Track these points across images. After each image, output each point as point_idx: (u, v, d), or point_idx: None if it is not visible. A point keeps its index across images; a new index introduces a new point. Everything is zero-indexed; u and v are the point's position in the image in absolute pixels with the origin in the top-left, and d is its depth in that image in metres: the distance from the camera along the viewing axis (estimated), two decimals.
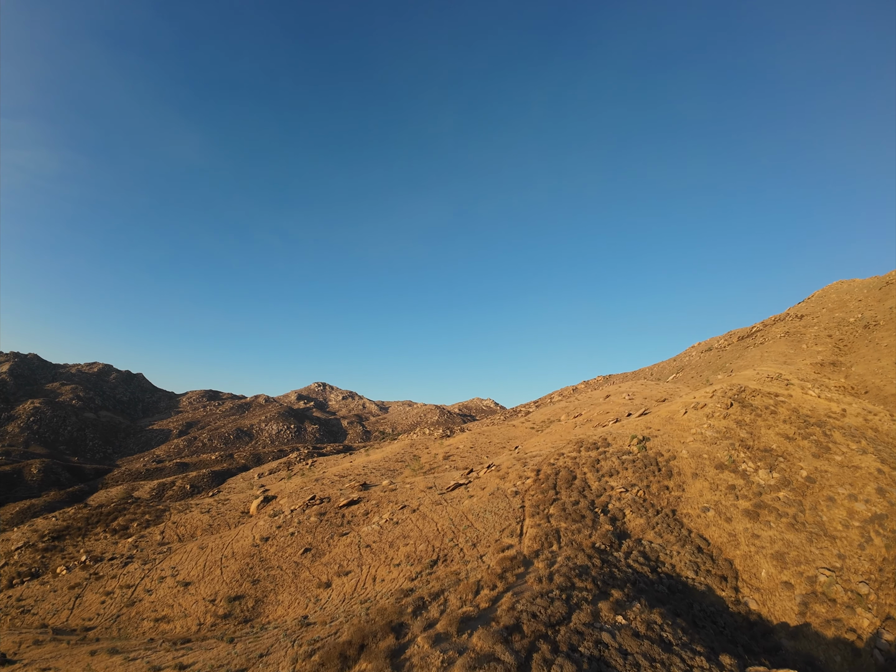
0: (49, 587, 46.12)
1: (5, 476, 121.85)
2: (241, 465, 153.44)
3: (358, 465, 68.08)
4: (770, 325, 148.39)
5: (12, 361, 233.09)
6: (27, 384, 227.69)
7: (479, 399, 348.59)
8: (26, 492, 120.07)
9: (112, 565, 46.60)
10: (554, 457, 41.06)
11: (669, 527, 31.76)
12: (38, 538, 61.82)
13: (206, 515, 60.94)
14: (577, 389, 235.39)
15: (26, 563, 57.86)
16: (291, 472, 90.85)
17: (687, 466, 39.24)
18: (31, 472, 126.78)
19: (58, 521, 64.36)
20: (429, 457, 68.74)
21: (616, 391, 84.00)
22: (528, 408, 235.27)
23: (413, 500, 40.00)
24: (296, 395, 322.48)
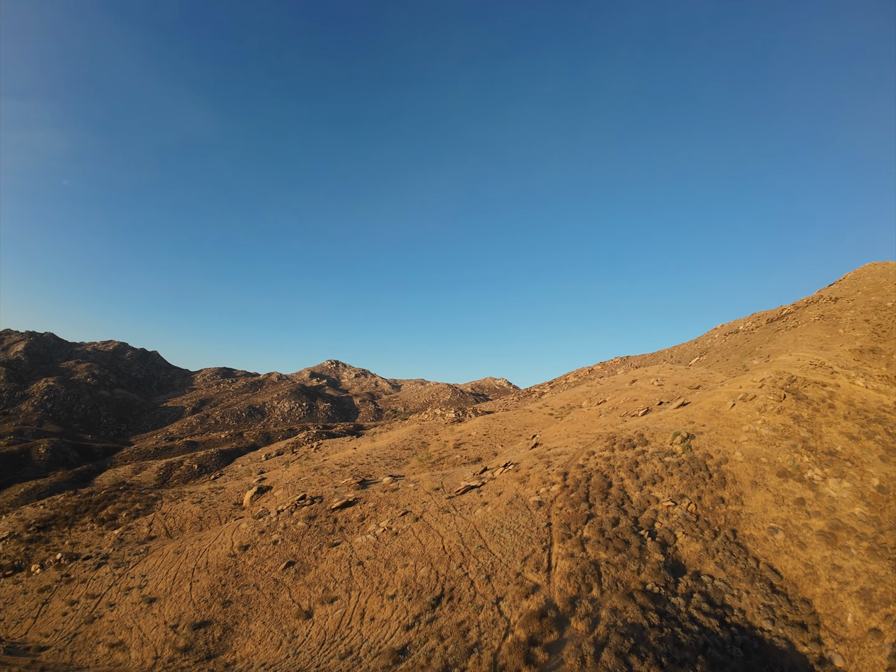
0: (21, 588, 41.12)
1: (13, 456, 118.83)
2: (251, 443, 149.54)
3: (362, 452, 62.09)
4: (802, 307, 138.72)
5: (27, 340, 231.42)
6: (42, 363, 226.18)
7: (493, 378, 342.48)
8: (34, 472, 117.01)
9: (85, 566, 41.32)
10: (583, 456, 34.23)
11: (732, 555, 24.94)
12: (23, 528, 57.16)
13: (197, 506, 55.60)
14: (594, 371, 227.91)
15: (9, 556, 53.19)
16: (295, 456, 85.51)
17: (743, 473, 32.24)
18: (39, 452, 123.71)
19: (45, 510, 59.64)
20: (438, 444, 62.47)
21: (642, 375, 76.64)
22: (543, 388, 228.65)
23: (416, 505, 33.60)
24: (309, 372, 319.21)
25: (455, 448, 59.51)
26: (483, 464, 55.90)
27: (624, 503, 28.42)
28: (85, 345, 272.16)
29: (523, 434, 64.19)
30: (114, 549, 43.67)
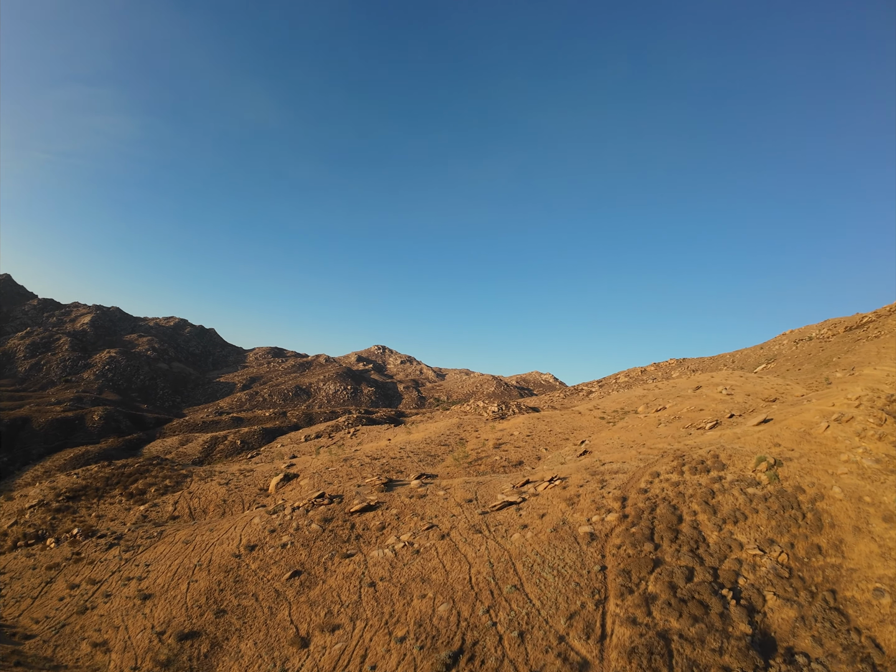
0: (32, 562, 39.53)
1: (67, 421, 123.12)
2: (293, 423, 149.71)
3: (395, 445, 58.04)
4: (885, 315, 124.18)
5: (94, 313, 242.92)
6: (107, 335, 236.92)
7: (538, 373, 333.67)
8: (86, 437, 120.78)
9: (97, 546, 39.17)
10: (645, 478, 28.36)
11: (832, 626, 18.76)
12: (53, 497, 56.76)
13: (223, 488, 53.28)
14: (646, 372, 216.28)
15: (35, 525, 52.64)
16: (331, 441, 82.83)
17: (843, 514, 25.46)
18: (93, 419, 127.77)
19: (78, 480, 59.22)
20: (477, 442, 57.57)
21: (708, 382, 68.70)
22: (591, 387, 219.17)
23: (444, 519, 28.84)
24: (356, 356, 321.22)
25: (495, 448, 54.40)
26: (524, 469, 50.57)
27: (699, 547, 22.53)
28: (148, 320, 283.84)
29: (570, 438, 58.26)
30: (130, 529, 41.40)
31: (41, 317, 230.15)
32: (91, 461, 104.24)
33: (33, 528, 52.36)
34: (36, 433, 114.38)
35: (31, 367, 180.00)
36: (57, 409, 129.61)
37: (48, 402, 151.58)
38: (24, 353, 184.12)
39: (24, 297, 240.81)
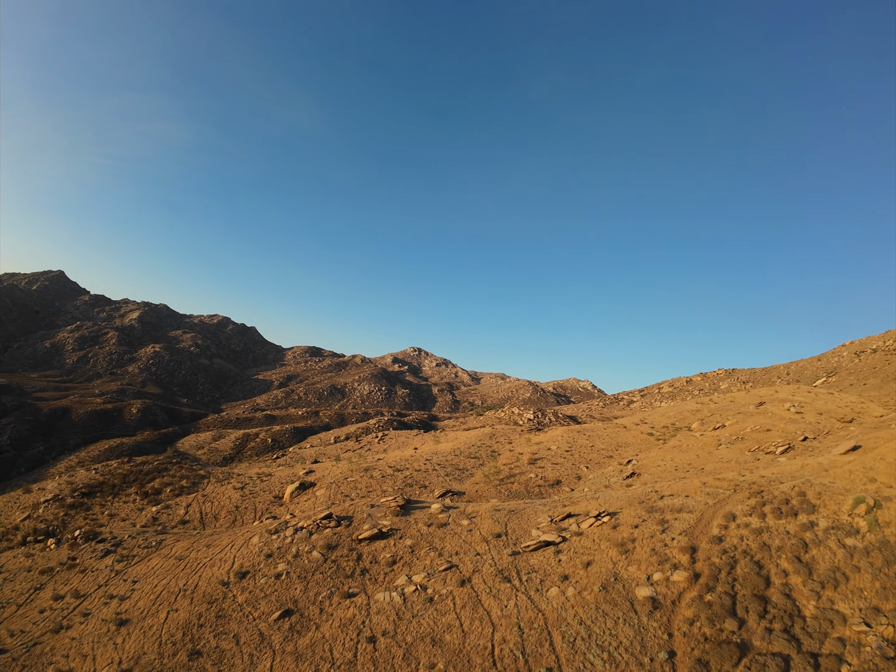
0: (30, 563, 36.90)
1: (106, 413, 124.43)
2: (325, 423, 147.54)
3: (422, 455, 53.41)
4: None
5: (142, 309, 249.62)
6: (153, 330, 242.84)
7: (576, 380, 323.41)
8: (123, 430, 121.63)
9: (94, 552, 36.13)
10: (718, 521, 22.61)
11: None
12: (69, 492, 54.97)
13: (237, 493, 49.95)
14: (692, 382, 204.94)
15: (47, 520, 50.77)
16: (358, 445, 79.06)
17: None
18: (131, 412, 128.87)
19: (96, 476, 57.38)
20: (510, 456, 52.24)
21: (772, 397, 61.15)
22: (632, 396, 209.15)
23: (466, 557, 23.88)
24: (391, 357, 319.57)
25: (530, 464, 48.96)
26: (562, 489, 45.02)
27: (794, 623, 16.78)
28: (193, 317, 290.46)
29: (615, 456, 52.17)
30: (132, 535, 38.24)
31: (92, 312, 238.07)
32: (124, 453, 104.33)
33: (45, 523, 50.46)
34: (74, 424, 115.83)
35: (78, 359, 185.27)
36: (97, 401, 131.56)
37: (91, 394, 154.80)
38: (72, 345, 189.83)
39: (77, 293, 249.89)
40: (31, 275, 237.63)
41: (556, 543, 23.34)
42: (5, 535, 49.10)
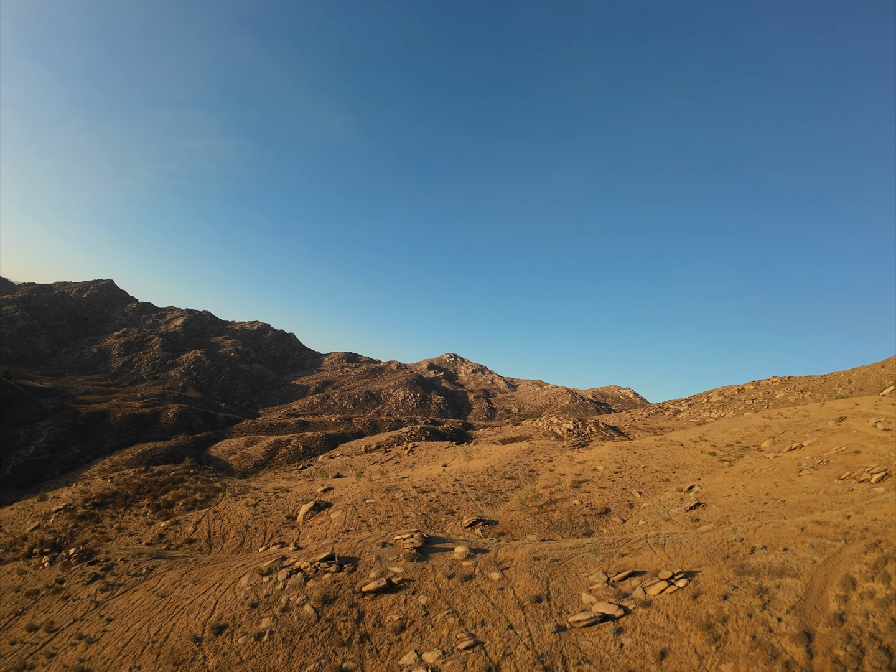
0: (21, 581, 33.07)
1: (143, 417, 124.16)
2: (357, 430, 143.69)
3: (451, 473, 47.53)
4: None
5: (186, 316, 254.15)
6: (196, 336, 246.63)
7: (617, 387, 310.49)
8: (158, 434, 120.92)
9: (82, 576, 31.95)
10: (834, 589, 15.84)
11: None
12: (82, 502, 51.90)
13: (249, 511, 45.40)
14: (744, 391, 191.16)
15: (55, 531, 47.60)
16: (387, 456, 73.90)
17: None
18: (167, 416, 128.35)
19: (110, 485, 54.22)
20: (551, 477, 45.67)
21: (852, 410, 52.41)
22: (678, 405, 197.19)
23: (495, 631, 17.89)
24: (427, 363, 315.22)
25: (573, 488, 42.29)
26: (612, 520, 38.21)
27: None
28: (234, 323, 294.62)
29: (672, 480, 44.87)
30: (124, 559, 33.95)
31: (139, 318, 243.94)
32: (157, 458, 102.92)
33: (52, 534, 47.34)
34: (111, 427, 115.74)
35: (123, 364, 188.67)
36: (135, 405, 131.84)
37: (133, 398, 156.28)
38: (118, 350, 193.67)
39: (125, 301, 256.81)
40: (82, 283, 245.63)
41: (616, 618, 17.04)
42: (13, 545, 46.27)
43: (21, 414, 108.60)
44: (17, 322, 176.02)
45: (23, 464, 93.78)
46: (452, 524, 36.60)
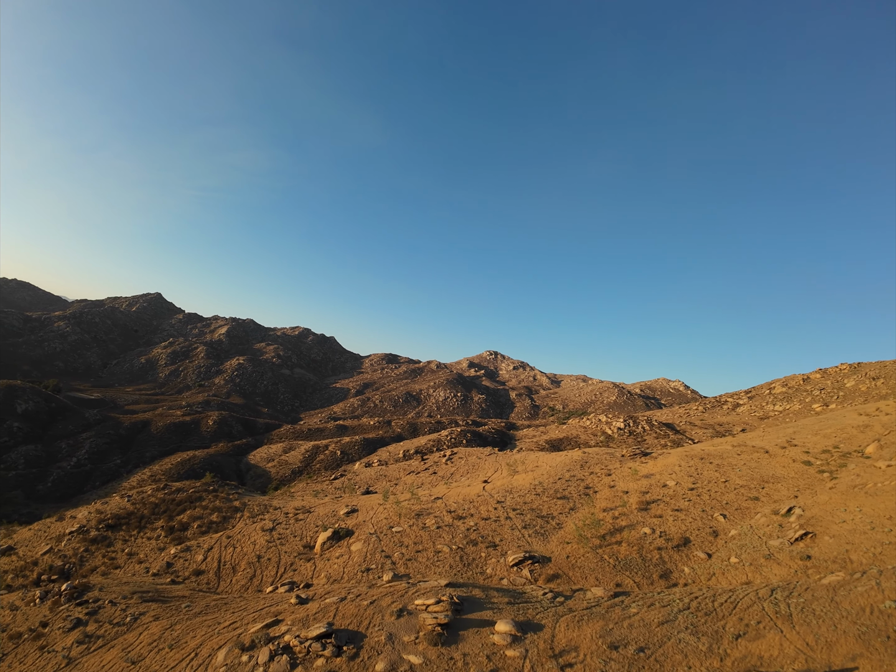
0: (10, 618, 28.72)
1: (184, 426, 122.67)
2: (396, 434, 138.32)
3: (493, 493, 40.27)
4: None
5: (230, 325, 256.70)
6: (240, 343, 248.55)
7: (666, 380, 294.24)
8: (198, 442, 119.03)
9: (66, 620, 26.92)
10: None
11: None
12: (96, 523, 47.74)
13: (265, 538, 39.69)
14: (809, 380, 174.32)
15: (65, 556, 43.44)
16: (423, 465, 67.39)
17: None
18: (208, 424, 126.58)
19: (126, 504, 49.92)
20: (611, 496, 37.76)
21: None
22: (737, 398, 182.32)
23: None
24: (467, 362, 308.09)
25: (641, 510, 34.30)
26: (694, 554, 30.07)
27: None
28: (276, 330, 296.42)
29: (762, 498, 36.11)
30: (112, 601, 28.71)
31: (185, 329, 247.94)
32: (196, 466, 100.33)
33: (62, 560, 43.20)
34: (152, 436, 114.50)
35: (170, 373, 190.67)
36: (177, 414, 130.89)
37: (178, 405, 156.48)
38: (165, 360, 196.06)
39: (173, 312, 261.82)
40: (132, 298, 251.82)
41: None
42: (23, 571, 42.42)
43: (65, 426, 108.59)
44: (68, 337, 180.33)
45: (64, 476, 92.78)
46: (494, 561, 29.44)
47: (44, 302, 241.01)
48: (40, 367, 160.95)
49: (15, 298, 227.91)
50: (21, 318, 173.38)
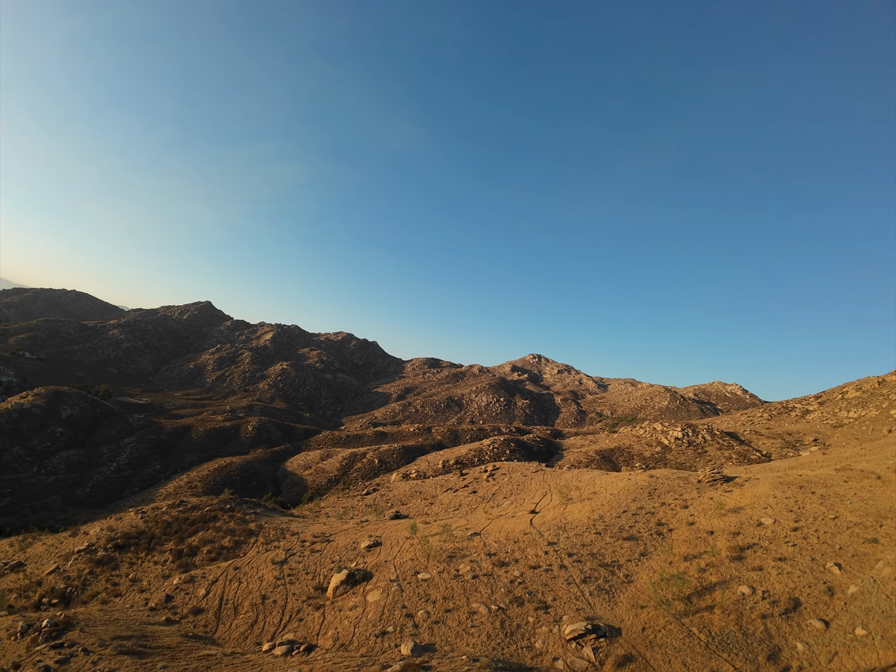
0: None
1: (224, 431, 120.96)
2: (437, 441, 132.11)
3: (542, 530, 33.08)
4: None
5: (275, 331, 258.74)
6: (284, 349, 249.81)
7: (722, 383, 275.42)
8: (237, 447, 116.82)
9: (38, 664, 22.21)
10: None
11: None
12: (104, 542, 43.69)
13: (274, 573, 34.03)
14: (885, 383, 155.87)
15: (69, 577, 39.41)
16: (462, 482, 60.68)
17: None
18: (247, 430, 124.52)
19: (139, 523, 45.78)
20: (692, 538, 29.85)
21: None
22: (807, 404, 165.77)
23: None
24: (510, 366, 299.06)
25: (733, 559, 26.33)
26: (808, 622, 21.98)
27: None
28: (320, 335, 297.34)
29: (881, 538, 27.25)
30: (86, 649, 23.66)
31: (233, 335, 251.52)
32: (232, 474, 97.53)
33: (65, 582, 39.23)
34: (193, 441, 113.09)
35: (216, 378, 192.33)
36: (218, 419, 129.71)
37: (223, 410, 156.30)
38: (212, 366, 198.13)
39: (221, 319, 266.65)
40: (183, 306, 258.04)
41: None
42: (26, 591, 38.78)
43: (108, 431, 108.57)
44: (122, 344, 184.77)
45: (103, 481, 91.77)
46: (546, 631, 22.37)
47: (101, 311, 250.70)
48: (94, 372, 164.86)
49: (74, 308, 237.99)
50: (77, 327, 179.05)
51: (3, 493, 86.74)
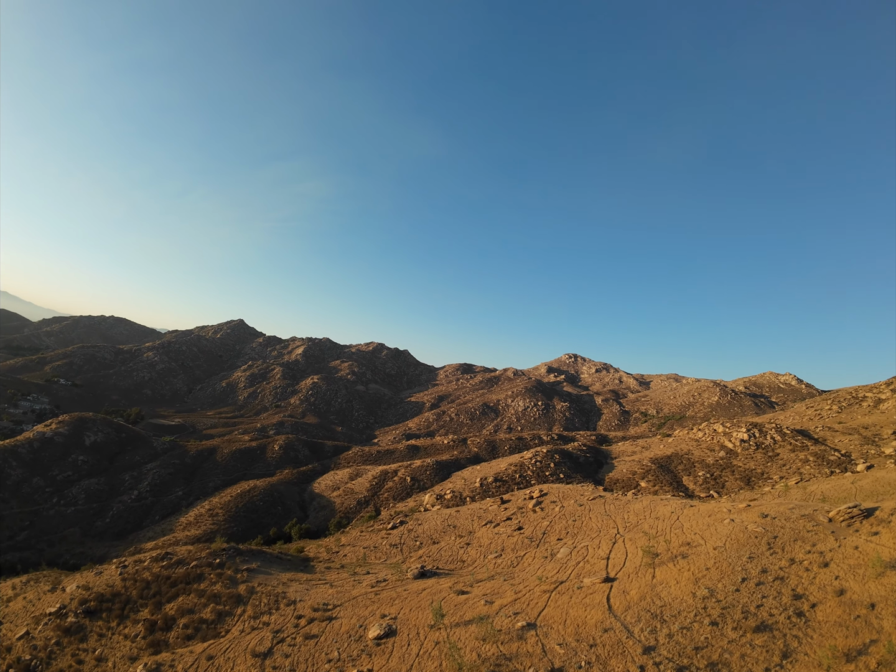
0: None
1: (250, 451, 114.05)
2: (473, 454, 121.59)
3: (629, 625, 22.57)
4: None
5: (306, 345, 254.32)
6: (316, 362, 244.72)
7: (774, 374, 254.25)
8: (263, 468, 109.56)
9: None
10: None
11: None
12: (77, 604, 35.52)
13: (267, 663, 24.74)
14: None
15: (36, 648, 30.82)
16: (503, 513, 50.45)
17: None
18: (273, 449, 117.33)
19: (115, 581, 37.55)
20: (846, 617, 18.98)
21: None
22: (879, 392, 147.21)
23: None
24: (546, 367, 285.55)
25: None
26: None
27: None
28: (351, 346, 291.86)
29: None
30: None
31: (265, 351, 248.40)
32: (256, 499, 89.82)
33: (31, 653, 30.96)
34: (217, 465, 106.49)
35: (249, 395, 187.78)
36: (244, 439, 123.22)
37: (253, 428, 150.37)
38: (244, 383, 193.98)
39: (254, 336, 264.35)
40: (216, 325, 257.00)
41: None
42: None
43: (132, 456, 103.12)
44: (156, 366, 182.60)
45: (124, 510, 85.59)
46: None
47: (139, 335, 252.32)
48: (129, 395, 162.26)
49: (113, 333, 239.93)
50: (112, 352, 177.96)
51: (21, 527, 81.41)
